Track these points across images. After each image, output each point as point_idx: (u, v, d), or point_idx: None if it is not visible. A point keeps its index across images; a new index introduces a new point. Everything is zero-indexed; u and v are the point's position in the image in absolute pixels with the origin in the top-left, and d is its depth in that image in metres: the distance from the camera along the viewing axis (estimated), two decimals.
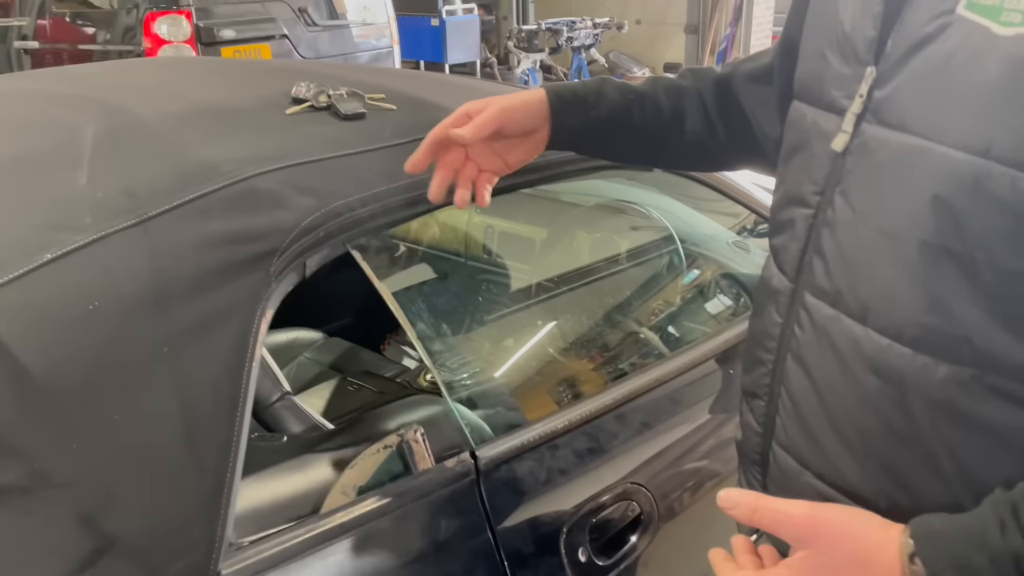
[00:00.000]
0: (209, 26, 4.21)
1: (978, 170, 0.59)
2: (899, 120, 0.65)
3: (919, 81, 0.64)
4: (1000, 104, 0.58)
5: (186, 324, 0.79)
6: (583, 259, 1.89)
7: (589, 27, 7.75)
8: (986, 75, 0.59)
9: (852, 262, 0.68)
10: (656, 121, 0.98)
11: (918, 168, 0.63)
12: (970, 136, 0.59)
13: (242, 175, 0.91)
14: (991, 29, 0.59)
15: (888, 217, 0.65)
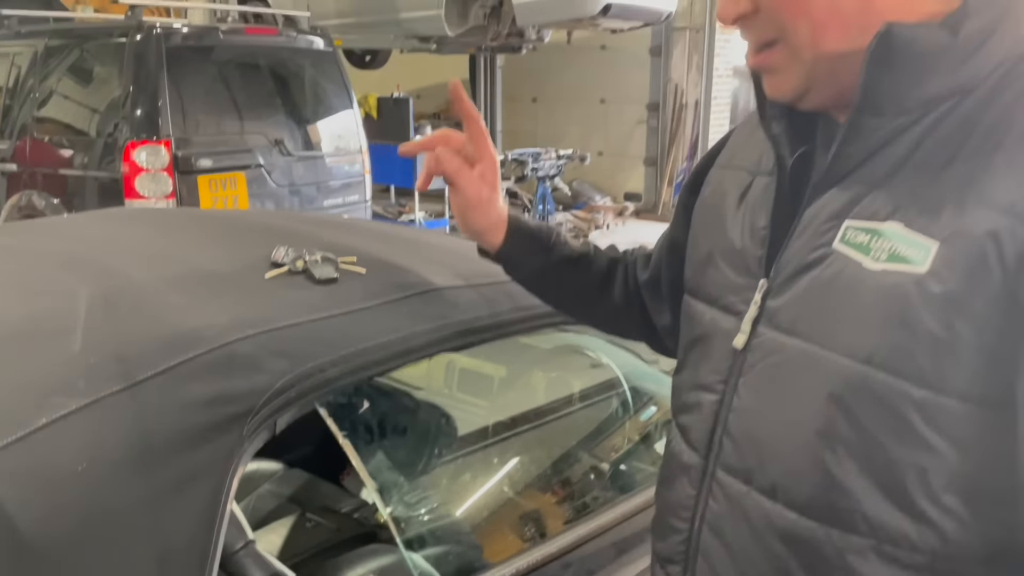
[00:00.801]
0: (187, 155, 4.39)
1: (863, 374, 0.70)
2: (791, 327, 0.76)
3: (807, 297, 0.75)
4: (875, 323, 0.70)
5: (166, 482, 0.86)
6: (539, 398, 1.99)
7: (553, 158, 8.14)
8: (862, 299, 0.71)
9: (760, 445, 0.78)
10: (592, 276, 1.08)
11: (812, 369, 0.74)
12: (854, 346, 0.71)
13: (223, 341, 1.00)
14: (863, 264, 0.71)
15: (789, 409, 0.76)
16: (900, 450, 0.69)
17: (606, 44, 9.22)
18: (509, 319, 1.32)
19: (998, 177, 0.66)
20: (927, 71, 0.71)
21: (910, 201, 0.70)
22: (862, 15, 0.71)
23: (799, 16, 0.73)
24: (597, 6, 6.80)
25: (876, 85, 0.72)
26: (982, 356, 0.66)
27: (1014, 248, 0.64)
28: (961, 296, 0.66)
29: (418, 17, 7.65)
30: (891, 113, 0.72)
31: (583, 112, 9.88)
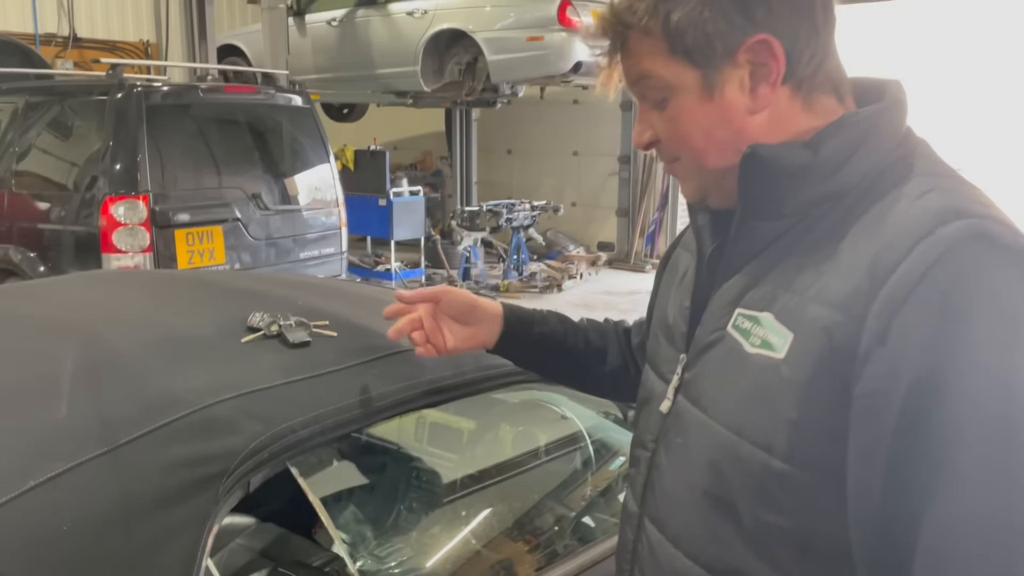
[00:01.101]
0: (165, 210, 4.45)
1: (735, 444, 0.81)
2: (696, 398, 0.88)
3: (707, 373, 0.87)
4: (746, 400, 0.81)
5: (145, 540, 0.92)
6: (507, 452, 2.05)
7: (527, 209, 8.30)
8: (740, 378, 0.82)
9: (669, 500, 0.90)
10: (584, 351, 1.20)
11: (704, 436, 0.85)
12: (731, 419, 0.82)
13: (200, 404, 1.07)
14: (743, 347, 0.82)
15: (687, 470, 0.87)
16: (764, 512, 0.80)
17: (578, 99, 9.48)
18: (474, 378, 1.40)
19: (838, 277, 0.76)
20: (796, 182, 0.82)
21: (781, 295, 0.81)
22: (736, 140, 0.83)
23: (684, 145, 0.86)
24: (568, 64, 7.03)
25: (752, 195, 0.84)
26: (823, 433, 0.75)
27: (843, 342, 0.74)
28: (806, 381, 0.76)
29: (395, 73, 7.85)
30: (772, 217, 0.84)
31: (557, 164, 10.09)
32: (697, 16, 0.80)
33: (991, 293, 0.69)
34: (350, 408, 1.19)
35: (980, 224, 0.72)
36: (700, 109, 0.83)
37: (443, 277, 8.06)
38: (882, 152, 0.81)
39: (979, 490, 0.67)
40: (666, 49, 0.82)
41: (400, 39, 7.72)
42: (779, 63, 0.80)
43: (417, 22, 7.62)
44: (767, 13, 0.79)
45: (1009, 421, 0.67)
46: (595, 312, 7.25)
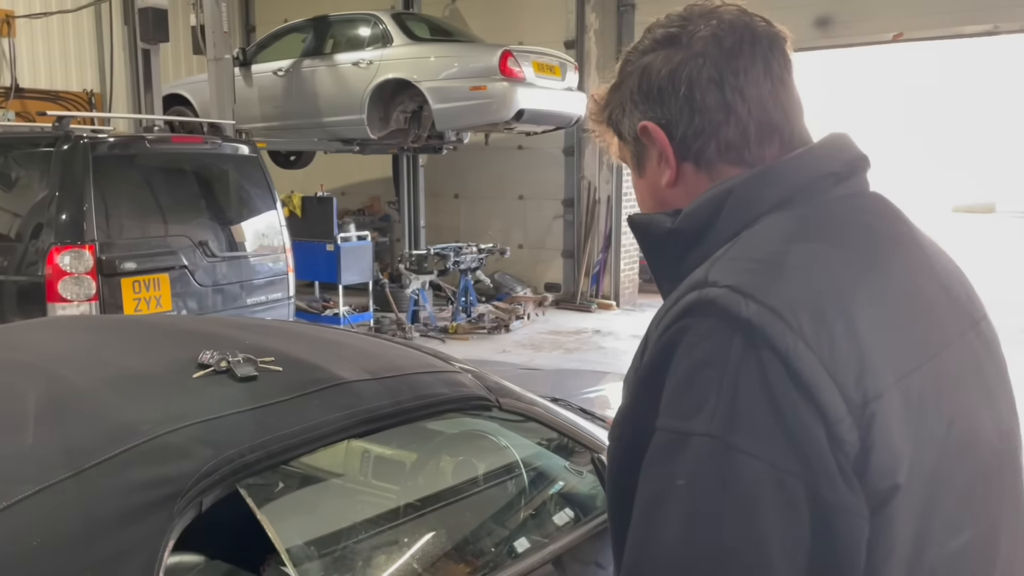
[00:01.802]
0: (111, 258, 4.49)
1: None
2: None
3: None
4: None
5: (107, 554, 1.02)
6: (448, 480, 2.17)
7: (475, 252, 8.47)
8: None
9: None
10: None
11: None
12: None
13: (156, 433, 1.18)
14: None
15: None
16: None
17: (523, 144, 9.75)
18: (410, 407, 1.53)
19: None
20: (674, 246, 0.90)
21: None
22: (662, 207, 0.94)
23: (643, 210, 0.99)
24: (511, 112, 7.28)
25: (648, 256, 0.95)
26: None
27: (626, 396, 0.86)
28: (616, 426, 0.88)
29: (341, 121, 8.01)
30: (675, 279, 0.87)
31: (503, 207, 10.31)
32: (616, 108, 0.95)
33: (692, 360, 0.76)
34: (295, 435, 1.31)
35: (713, 292, 0.77)
36: (638, 182, 0.98)
37: (391, 320, 8.15)
38: (740, 222, 0.86)
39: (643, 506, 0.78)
40: (614, 134, 0.98)
41: (346, 88, 7.90)
42: (663, 142, 0.91)
43: (363, 72, 7.81)
44: (656, 102, 0.91)
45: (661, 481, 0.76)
46: (543, 352, 7.42)
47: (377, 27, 7.96)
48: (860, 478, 0.73)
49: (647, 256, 0.96)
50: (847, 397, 0.73)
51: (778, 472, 0.71)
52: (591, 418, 2.24)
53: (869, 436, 0.73)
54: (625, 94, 0.94)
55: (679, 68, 0.89)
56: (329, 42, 8.34)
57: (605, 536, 1.88)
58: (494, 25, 9.40)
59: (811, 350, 0.73)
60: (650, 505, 0.77)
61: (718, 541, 0.72)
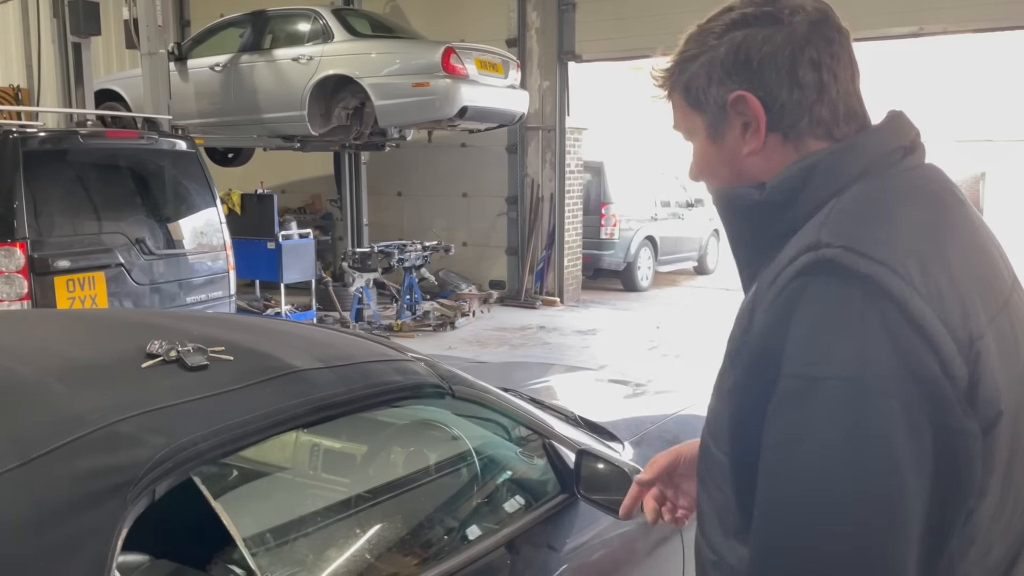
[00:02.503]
0: (43, 257, 4.35)
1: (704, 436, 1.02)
2: None
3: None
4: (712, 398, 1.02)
5: (59, 542, 1.00)
6: (399, 471, 2.17)
7: (419, 250, 8.44)
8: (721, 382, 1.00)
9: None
10: None
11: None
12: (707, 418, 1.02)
13: (106, 421, 1.16)
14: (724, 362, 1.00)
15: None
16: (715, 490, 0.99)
17: (466, 142, 9.75)
18: (363, 394, 1.53)
19: (744, 306, 0.94)
20: (758, 218, 0.98)
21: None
22: (736, 177, 1.01)
23: (702, 178, 1.07)
24: (454, 109, 7.28)
25: (728, 228, 1.03)
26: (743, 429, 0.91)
27: (735, 354, 0.93)
28: (721, 387, 0.96)
29: (281, 118, 7.89)
30: (751, 248, 1.01)
31: (447, 205, 10.30)
32: (698, 78, 1.00)
33: (816, 313, 0.84)
34: (248, 423, 1.30)
35: (830, 255, 0.85)
36: (710, 149, 1.03)
37: (335, 319, 8.06)
38: (828, 190, 0.93)
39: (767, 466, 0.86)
40: (685, 102, 1.03)
41: (286, 84, 7.79)
42: (758, 115, 0.97)
43: (303, 68, 7.71)
44: (748, 73, 0.97)
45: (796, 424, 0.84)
46: (488, 348, 7.43)
47: (317, 22, 7.87)
48: (971, 407, 0.84)
49: (729, 227, 1.03)
50: (956, 338, 0.83)
51: (906, 406, 0.81)
52: (540, 406, 2.27)
53: (976, 370, 0.84)
54: (712, 65, 0.99)
55: (783, 46, 0.96)
56: (268, 37, 8.21)
57: (557, 519, 1.91)
58: (435, 22, 9.38)
59: (924, 299, 0.83)
60: (784, 444, 0.85)
61: (857, 471, 0.81)
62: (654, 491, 1.29)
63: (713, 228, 12.87)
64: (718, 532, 0.98)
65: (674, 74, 1.03)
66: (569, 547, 1.87)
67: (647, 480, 1.28)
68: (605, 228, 10.60)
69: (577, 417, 2.37)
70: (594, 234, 10.51)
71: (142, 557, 2.17)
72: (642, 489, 1.29)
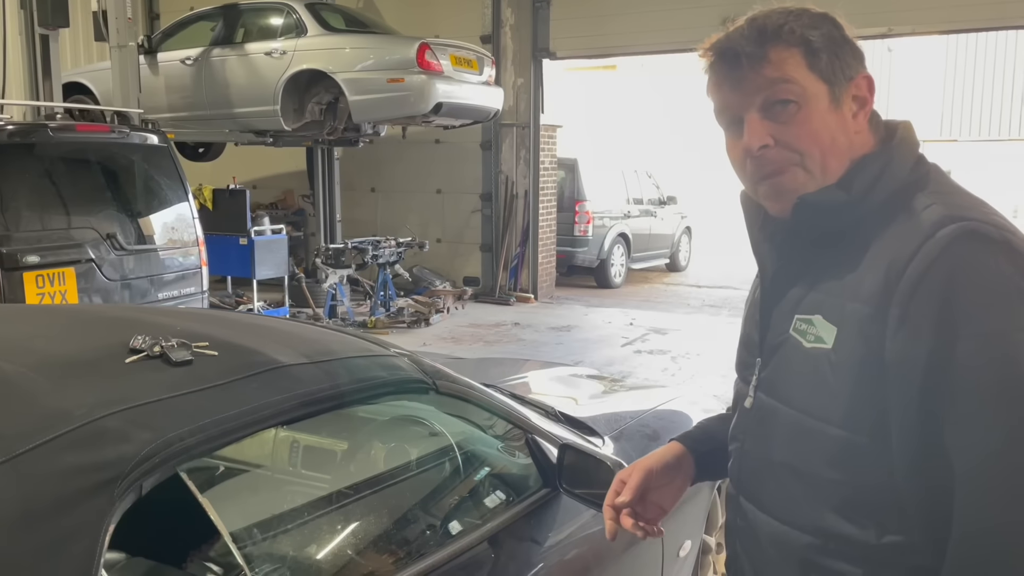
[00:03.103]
0: (12, 252, 4.27)
1: (800, 421, 1.05)
2: (770, 390, 1.11)
3: (777, 369, 1.10)
4: (807, 385, 1.04)
5: (47, 539, 1.00)
6: (380, 467, 2.17)
7: (393, 246, 8.41)
8: (802, 369, 1.05)
9: (756, 476, 1.13)
10: None
11: (779, 419, 1.09)
12: (796, 401, 1.06)
13: (92, 417, 1.15)
14: (802, 344, 1.05)
15: (768, 449, 1.11)
16: (827, 471, 1.03)
17: (440, 139, 9.73)
18: (348, 390, 1.53)
19: (867, 279, 0.99)
20: (835, 216, 1.05)
21: (826, 300, 1.04)
22: (848, 148, 1.06)
23: (811, 146, 1.05)
24: (429, 105, 7.26)
25: (804, 232, 1.08)
26: (867, 401, 0.98)
27: (874, 328, 0.97)
28: (849, 362, 0.99)
29: (253, 112, 7.82)
30: (816, 245, 1.07)
31: (421, 201, 10.27)
32: (829, 44, 1.03)
33: (980, 276, 0.92)
34: (234, 418, 1.29)
35: (970, 225, 0.95)
36: (830, 116, 1.04)
37: (308, 316, 8.01)
38: (897, 181, 1.04)
39: (984, 427, 0.90)
40: (805, 64, 1.03)
41: (258, 79, 7.71)
42: (872, 96, 1.06)
43: (276, 62, 7.64)
44: (861, 59, 1.07)
45: (1002, 371, 0.90)
46: (463, 344, 7.43)
47: (291, 16, 7.80)
48: None
49: (806, 229, 1.06)
50: None
51: None
52: (522, 402, 2.28)
53: None
54: (837, 41, 1.04)
55: (862, 56, 1.08)
56: (240, 31, 8.12)
57: (539, 513, 1.92)
58: (409, 18, 9.33)
59: None
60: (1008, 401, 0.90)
61: None
62: (628, 509, 1.29)
63: (685, 226, 12.98)
64: (827, 514, 1.02)
65: (791, 31, 1.03)
66: (551, 541, 1.89)
67: (627, 502, 1.27)
68: (579, 225, 10.65)
69: (557, 412, 2.38)
70: (568, 231, 10.55)
71: (118, 555, 2.15)
72: (618, 511, 1.29)
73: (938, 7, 7.51)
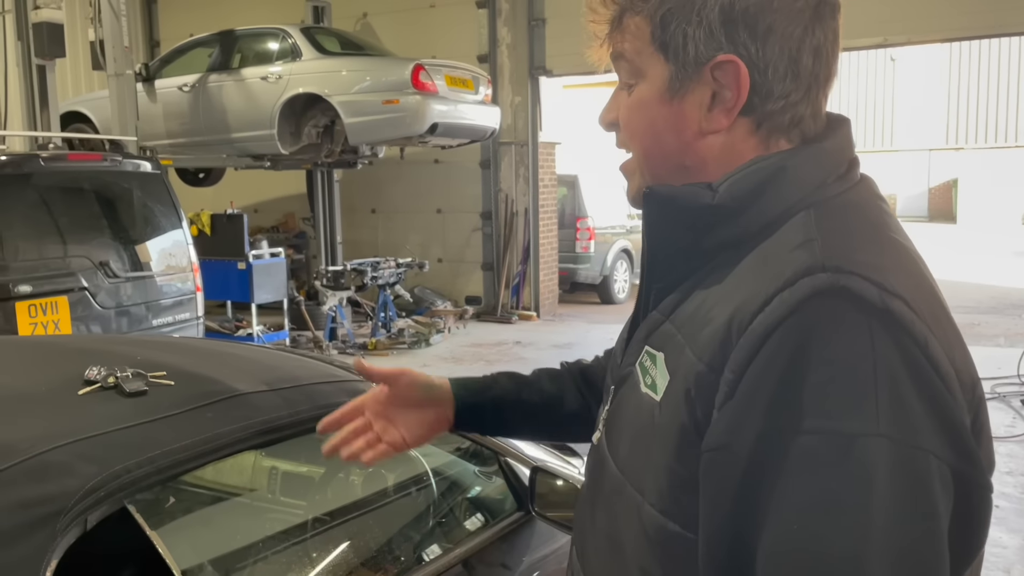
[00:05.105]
0: (4, 282, 4.30)
1: (619, 480, 0.82)
2: (608, 431, 0.89)
3: (618, 406, 0.87)
4: (632, 440, 0.82)
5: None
6: (356, 493, 2.15)
7: (393, 267, 8.42)
8: (630, 415, 0.83)
9: (584, 537, 0.92)
10: (541, 401, 1.15)
11: (605, 473, 0.86)
12: (619, 454, 0.84)
13: (36, 451, 1.15)
14: (639, 385, 0.81)
15: (596, 506, 0.88)
16: (641, 558, 0.79)
17: (439, 158, 9.77)
18: (308, 416, 1.52)
19: (709, 327, 0.74)
20: (699, 226, 0.79)
21: (675, 335, 0.78)
22: (681, 152, 0.81)
23: (633, 137, 0.85)
24: (424, 125, 7.30)
25: (655, 236, 0.82)
26: (683, 482, 0.73)
27: (702, 392, 0.72)
28: (670, 428, 0.75)
29: (251, 137, 7.87)
30: (680, 257, 0.81)
31: (421, 221, 10.30)
32: (684, 15, 0.78)
33: (837, 349, 0.67)
34: (186, 448, 1.28)
35: (843, 279, 0.69)
36: (658, 107, 0.81)
37: (308, 339, 8.01)
38: (790, 199, 0.77)
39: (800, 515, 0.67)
40: (649, 35, 0.80)
41: (255, 103, 7.77)
42: (740, 91, 0.77)
43: (272, 86, 7.70)
44: (749, 37, 0.76)
45: (830, 491, 0.66)
46: (464, 364, 7.42)
47: (286, 41, 7.87)
48: None
49: (660, 232, 0.82)
50: (963, 384, 0.71)
51: (941, 464, 0.67)
52: None
53: (977, 421, 0.72)
54: (709, 9, 0.77)
55: (797, 18, 0.78)
56: (236, 56, 8.20)
57: (512, 538, 1.90)
58: (406, 40, 9.41)
59: (937, 339, 0.69)
60: (812, 515, 0.66)
61: (906, 544, 0.66)
62: (361, 422, 1.08)
63: None
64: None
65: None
66: (524, 565, 1.87)
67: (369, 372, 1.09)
68: (580, 242, 10.64)
69: None
70: (570, 248, 10.55)
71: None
72: (341, 417, 1.09)
73: (935, 15, 7.51)
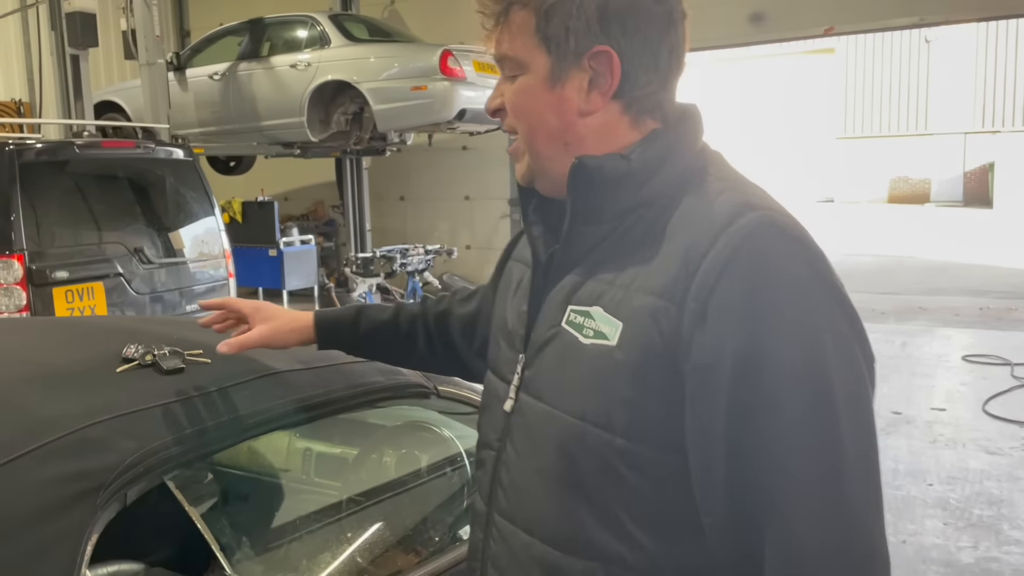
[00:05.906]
0: (42, 268, 4.36)
1: (580, 429, 0.90)
2: (538, 392, 0.96)
3: (546, 368, 0.96)
4: (587, 387, 0.90)
5: (27, 549, 1.00)
6: (391, 473, 2.15)
7: (421, 254, 8.42)
8: (579, 368, 0.91)
9: (519, 491, 0.97)
10: (397, 339, 1.33)
11: (549, 426, 0.93)
12: (574, 406, 0.91)
13: (76, 426, 1.15)
14: (578, 339, 0.91)
15: (537, 460, 0.95)
16: (610, 487, 0.89)
17: (467, 145, 9.74)
18: (342, 395, 1.52)
19: (659, 269, 0.88)
20: (615, 190, 0.93)
21: (607, 290, 0.91)
22: (563, 133, 0.95)
23: (519, 121, 0.97)
24: (453, 111, 7.27)
25: (579, 202, 0.94)
26: (660, 410, 0.85)
27: (668, 325, 0.85)
28: (638, 363, 0.86)
29: (280, 124, 7.90)
30: (594, 222, 0.95)
31: (449, 208, 10.30)
32: (565, 10, 0.91)
33: (785, 270, 0.83)
34: (222, 426, 1.29)
35: (769, 215, 0.86)
36: (541, 93, 0.94)
37: None
38: (684, 163, 0.94)
39: (799, 439, 0.80)
40: (534, 28, 0.92)
41: (284, 91, 7.80)
42: (614, 77, 0.92)
43: (301, 74, 7.73)
44: (620, 32, 0.91)
45: (813, 372, 0.81)
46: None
47: (315, 29, 7.88)
48: None
49: (584, 198, 0.94)
50: None
51: (860, 347, 0.86)
52: None
53: None
54: (587, 8, 0.91)
55: (657, 23, 0.93)
56: (266, 45, 8.23)
57: None
58: (434, 26, 9.37)
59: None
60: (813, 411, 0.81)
61: (862, 416, 0.84)
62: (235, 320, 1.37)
63: None
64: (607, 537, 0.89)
65: None
66: None
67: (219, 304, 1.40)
68: None
69: None
70: None
71: (136, 566, 2.17)
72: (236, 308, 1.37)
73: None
